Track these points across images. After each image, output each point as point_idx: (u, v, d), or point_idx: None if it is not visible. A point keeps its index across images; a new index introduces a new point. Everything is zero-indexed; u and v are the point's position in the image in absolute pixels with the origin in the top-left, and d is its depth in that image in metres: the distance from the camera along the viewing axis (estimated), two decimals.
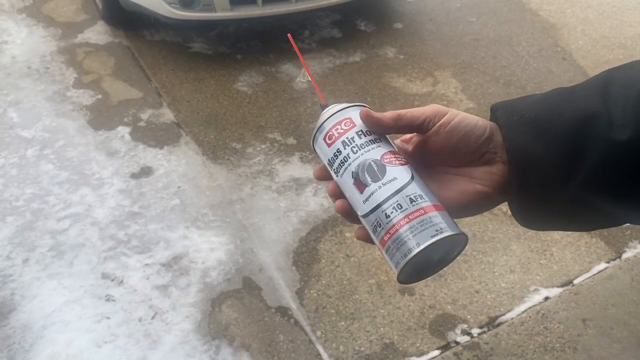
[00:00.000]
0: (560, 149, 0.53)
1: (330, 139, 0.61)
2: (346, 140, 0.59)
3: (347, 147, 0.59)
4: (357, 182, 0.57)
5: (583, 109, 0.53)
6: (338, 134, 0.60)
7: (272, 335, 1.98)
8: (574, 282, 2.19)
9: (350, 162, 0.58)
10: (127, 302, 2.09)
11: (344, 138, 0.60)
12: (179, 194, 2.53)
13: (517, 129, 0.56)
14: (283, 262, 2.24)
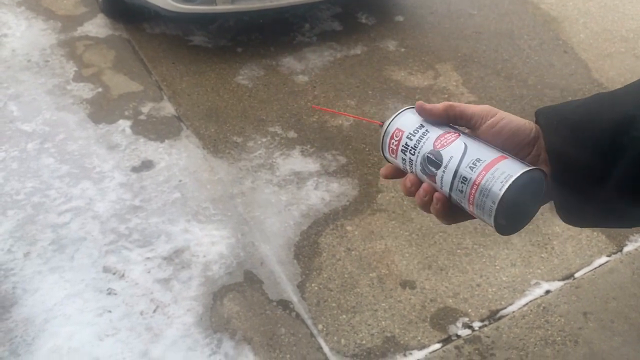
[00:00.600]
0: (598, 149, 0.56)
1: (393, 153, 0.69)
2: (403, 147, 0.67)
3: (407, 153, 0.67)
4: (429, 176, 0.65)
5: (621, 112, 0.55)
6: (395, 146, 0.68)
7: (273, 328, 1.99)
8: (575, 276, 2.19)
9: (415, 163, 0.66)
10: (129, 296, 2.09)
11: (401, 147, 0.68)
12: (180, 188, 2.53)
13: (557, 131, 0.60)
14: (284, 256, 2.24)
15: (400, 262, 2.23)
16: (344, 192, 2.54)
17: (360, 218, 2.41)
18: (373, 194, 2.53)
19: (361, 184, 2.58)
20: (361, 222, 2.39)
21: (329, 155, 2.74)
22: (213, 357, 1.90)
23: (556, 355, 1.92)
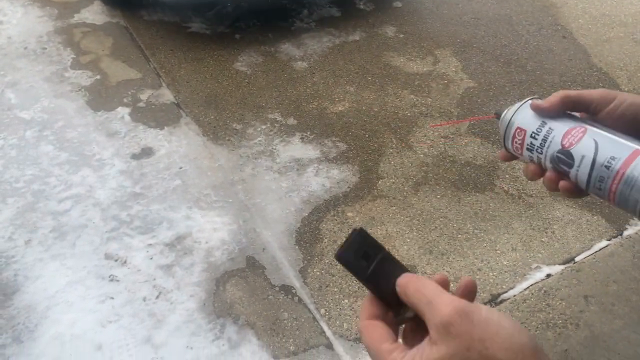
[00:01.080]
0: None
1: (517, 150, 0.70)
2: (528, 146, 0.68)
3: (533, 152, 0.67)
4: (561, 174, 0.66)
5: None
6: (520, 145, 0.69)
7: (276, 313, 2.00)
8: (575, 260, 2.20)
9: (544, 161, 0.67)
10: (131, 282, 2.09)
11: (526, 146, 0.68)
12: (181, 175, 2.52)
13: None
14: (286, 242, 2.24)
15: (401, 247, 2.24)
16: (344, 178, 2.54)
17: (361, 204, 2.41)
18: (373, 180, 2.53)
19: (361, 170, 2.58)
20: (362, 208, 2.39)
21: (329, 141, 2.73)
22: (216, 342, 1.91)
23: (557, 338, 1.93)
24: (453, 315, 0.46)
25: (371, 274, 0.54)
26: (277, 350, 1.89)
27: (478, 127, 2.85)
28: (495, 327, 0.45)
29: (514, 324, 0.46)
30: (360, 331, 0.53)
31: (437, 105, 2.99)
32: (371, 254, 0.55)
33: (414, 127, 2.84)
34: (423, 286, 0.50)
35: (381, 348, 0.50)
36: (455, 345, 0.45)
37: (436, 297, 0.48)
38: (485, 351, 0.44)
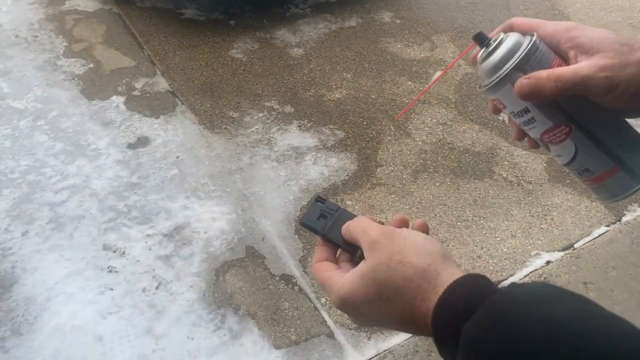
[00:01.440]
0: None
1: (496, 112, 0.67)
2: (509, 115, 0.64)
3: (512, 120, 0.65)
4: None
5: None
6: (501, 107, 0.65)
7: (277, 302, 1.99)
8: (574, 246, 2.21)
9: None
10: (130, 273, 2.08)
11: (507, 113, 0.65)
12: (178, 164, 2.50)
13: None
14: (285, 231, 2.23)
15: None
16: (342, 166, 2.52)
17: (360, 192, 2.40)
18: (372, 168, 2.52)
19: (360, 158, 2.57)
20: (361, 197, 2.38)
21: (327, 129, 2.72)
22: (217, 332, 1.90)
23: None
24: (379, 235, 0.58)
25: (328, 229, 0.66)
26: (278, 340, 1.89)
27: (476, 114, 2.84)
28: (410, 241, 0.57)
29: (427, 237, 0.58)
30: (312, 273, 0.65)
31: (435, 92, 2.97)
32: (328, 214, 0.67)
33: (411, 114, 2.82)
34: (360, 220, 0.63)
35: (325, 275, 0.62)
36: (380, 256, 0.56)
37: (369, 225, 0.60)
38: (403, 259, 0.55)
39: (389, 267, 0.56)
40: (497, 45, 0.60)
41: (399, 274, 0.55)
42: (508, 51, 0.59)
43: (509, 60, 0.59)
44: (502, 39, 0.61)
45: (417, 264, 0.55)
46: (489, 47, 0.61)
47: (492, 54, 0.61)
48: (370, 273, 0.56)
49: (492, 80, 0.60)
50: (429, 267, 0.55)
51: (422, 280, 0.54)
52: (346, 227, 0.64)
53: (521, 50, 0.59)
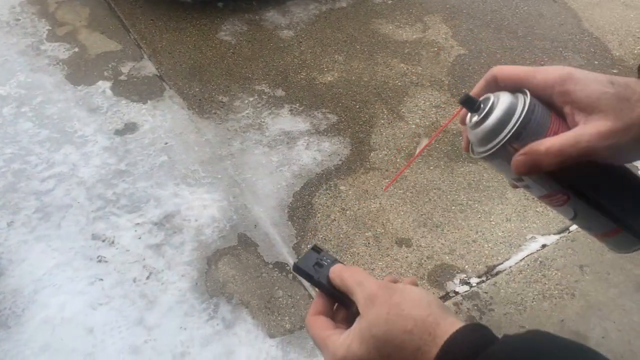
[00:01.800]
0: None
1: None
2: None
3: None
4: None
5: None
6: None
7: (270, 291, 1.96)
8: (570, 229, 2.19)
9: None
10: (120, 263, 2.04)
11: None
12: (167, 151, 2.44)
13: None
14: (278, 218, 2.19)
15: (395, 220, 2.20)
16: (335, 151, 2.48)
17: (354, 177, 2.36)
18: (365, 152, 2.48)
19: (353, 142, 2.53)
20: (355, 182, 2.35)
21: (319, 113, 2.67)
22: (210, 322, 1.87)
23: (554, 308, 1.93)
24: (378, 289, 0.56)
25: (322, 278, 0.63)
26: (272, 329, 1.86)
27: None
28: (408, 294, 0.56)
29: (422, 290, 0.58)
30: (306, 326, 0.62)
31: (428, 73, 2.92)
32: (324, 263, 0.65)
33: (404, 96, 2.78)
34: (355, 271, 0.61)
35: (322, 335, 0.59)
36: (378, 311, 0.55)
37: (366, 279, 0.59)
38: (402, 312, 0.54)
39: (388, 322, 0.54)
40: (489, 112, 0.55)
41: (398, 327, 0.53)
42: (500, 120, 0.54)
43: (502, 130, 0.53)
44: (493, 104, 0.55)
45: (416, 316, 0.54)
46: (479, 113, 0.56)
47: (483, 122, 0.55)
48: (369, 329, 0.54)
49: (485, 151, 0.56)
50: (428, 317, 0.53)
51: (422, 332, 0.53)
52: (339, 275, 0.61)
53: (515, 118, 0.53)
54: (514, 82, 0.56)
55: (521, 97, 0.54)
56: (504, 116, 0.53)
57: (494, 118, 0.54)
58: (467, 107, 0.57)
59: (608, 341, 1.85)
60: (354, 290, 0.58)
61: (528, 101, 0.53)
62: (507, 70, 0.57)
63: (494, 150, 0.54)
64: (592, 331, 1.87)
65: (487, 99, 0.56)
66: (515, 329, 1.87)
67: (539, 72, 0.55)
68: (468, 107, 0.57)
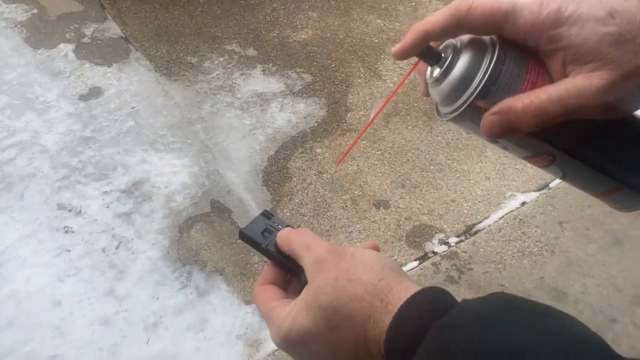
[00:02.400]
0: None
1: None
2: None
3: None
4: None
5: None
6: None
7: (246, 257, 1.90)
8: (550, 186, 2.16)
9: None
10: (88, 233, 1.96)
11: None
12: (134, 115, 2.34)
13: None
14: (252, 183, 2.12)
15: (373, 182, 2.14)
16: (311, 112, 2.40)
17: (330, 139, 2.29)
18: (342, 113, 2.40)
19: (329, 103, 2.44)
20: (331, 144, 2.27)
21: (293, 73, 2.57)
22: (184, 290, 1.82)
23: (533, 266, 1.91)
24: (326, 254, 0.50)
25: (270, 245, 0.57)
26: (248, 295, 1.82)
27: None
28: (359, 258, 0.49)
29: (376, 253, 0.51)
30: (254, 297, 0.56)
31: (406, 30, 2.82)
32: (274, 230, 0.58)
33: (382, 54, 2.69)
34: (304, 234, 0.54)
35: (267, 307, 0.52)
36: (325, 277, 0.48)
37: (313, 242, 0.52)
38: (351, 276, 0.47)
39: (336, 288, 0.47)
40: (450, 65, 0.46)
41: (347, 293, 0.47)
42: (463, 75, 0.45)
43: (466, 88, 0.44)
44: (454, 54, 0.46)
45: (366, 280, 0.47)
46: (441, 67, 0.46)
47: (444, 78, 0.46)
48: (315, 298, 0.48)
49: (449, 113, 0.47)
50: (380, 282, 0.47)
51: (374, 298, 0.46)
52: (286, 239, 0.54)
53: (482, 71, 0.44)
54: (489, 26, 0.44)
55: (489, 44, 0.45)
56: (468, 70, 0.44)
57: (457, 73, 0.45)
58: (425, 61, 0.48)
59: (587, 296, 1.84)
60: (301, 254, 0.52)
61: (497, 50, 0.44)
62: (482, 9, 0.43)
63: (459, 111, 0.45)
64: (571, 287, 1.86)
65: (448, 47, 0.47)
66: (495, 288, 1.85)
67: (521, 11, 0.43)
68: (426, 60, 0.48)
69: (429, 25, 0.45)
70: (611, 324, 1.77)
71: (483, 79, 0.43)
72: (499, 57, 0.43)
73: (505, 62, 0.43)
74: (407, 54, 0.47)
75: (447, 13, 0.44)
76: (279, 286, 0.56)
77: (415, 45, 0.46)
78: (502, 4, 0.43)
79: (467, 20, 0.44)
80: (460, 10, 0.44)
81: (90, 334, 1.72)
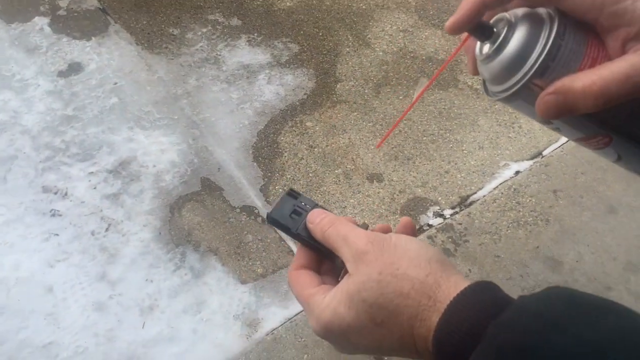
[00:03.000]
0: None
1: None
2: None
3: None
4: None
5: None
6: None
7: (239, 236, 1.87)
8: (543, 154, 2.14)
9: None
10: (76, 216, 1.91)
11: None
12: (117, 92, 2.26)
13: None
14: (243, 159, 2.07)
15: (365, 155, 2.11)
16: (299, 84, 2.34)
17: (320, 112, 2.24)
18: (331, 84, 2.35)
19: (317, 74, 2.38)
20: (321, 117, 2.22)
21: (280, 43, 2.49)
22: (178, 272, 1.79)
23: (529, 235, 1.90)
24: (367, 244, 0.48)
25: (301, 228, 0.54)
26: (244, 275, 1.79)
27: (438, 18, 2.65)
28: (402, 249, 0.47)
29: (420, 243, 0.49)
30: (288, 282, 0.54)
31: None
32: (303, 211, 0.56)
33: (370, 21, 2.61)
34: (338, 224, 0.51)
35: (304, 294, 0.51)
36: (369, 271, 0.46)
37: (351, 232, 0.50)
38: (396, 271, 0.46)
39: (381, 283, 0.45)
40: (504, 41, 0.42)
41: (392, 289, 0.45)
42: (519, 51, 0.41)
43: (522, 65, 0.41)
44: (509, 29, 0.42)
45: (413, 276, 0.45)
46: (492, 42, 0.43)
47: (497, 55, 0.43)
48: (359, 292, 0.46)
49: (502, 92, 0.44)
50: (428, 277, 0.45)
51: (421, 295, 0.45)
52: (320, 229, 0.52)
53: (539, 48, 0.40)
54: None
55: (547, 17, 0.41)
56: (524, 46, 0.41)
57: (512, 49, 0.42)
58: (476, 36, 0.44)
59: (582, 265, 1.85)
60: (339, 246, 0.50)
61: (556, 23, 0.40)
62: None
63: (513, 90, 0.42)
64: (566, 256, 1.86)
65: (500, 21, 0.43)
66: (491, 259, 1.85)
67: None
68: (477, 36, 0.44)
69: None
70: (606, 291, 1.78)
71: (541, 56, 0.40)
72: (559, 31, 0.40)
73: (564, 37, 0.40)
74: (463, 27, 0.43)
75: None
76: (313, 270, 0.54)
77: (472, 17, 0.43)
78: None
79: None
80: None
81: (84, 320, 1.69)
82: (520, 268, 1.83)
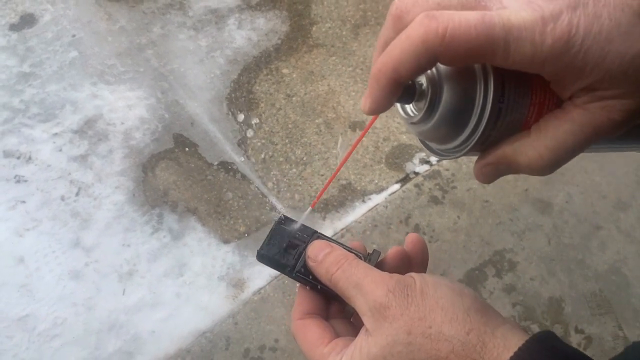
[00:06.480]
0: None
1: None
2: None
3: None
4: None
5: None
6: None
7: (219, 194, 1.79)
8: None
9: None
10: (43, 181, 1.79)
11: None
12: (76, 44, 2.09)
13: None
14: (217, 112, 1.96)
15: (346, 102, 2.01)
16: (272, 28, 2.19)
17: (297, 58, 2.11)
18: (307, 26, 2.21)
19: (291, 16, 2.23)
20: (298, 63, 2.10)
21: None
22: (156, 235, 1.70)
23: (517, 178, 1.85)
24: (387, 294, 0.39)
25: (300, 265, 0.45)
26: (226, 234, 1.72)
27: None
28: (432, 298, 0.38)
29: (452, 286, 0.40)
30: (293, 334, 0.46)
31: None
32: (298, 243, 0.46)
33: None
34: (348, 264, 0.42)
35: (315, 354, 0.43)
36: (395, 331, 0.38)
37: (364, 278, 0.41)
38: (429, 330, 0.37)
39: (411, 346, 0.37)
40: (432, 106, 0.36)
41: (426, 354, 0.36)
42: (450, 120, 0.36)
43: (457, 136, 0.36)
44: (434, 91, 0.36)
45: (450, 335, 0.37)
46: (418, 107, 0.38)
47: (426, 120, 0.37)
48: (384, 356, 0.37)
49: (443, 152, 0.40)
50: (469, 335, 0.36)
51: (463, 359, 0.36)
52: (326, 274, 0.43)
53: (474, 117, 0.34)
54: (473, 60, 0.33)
55: (479, 72, 0.34)
56: (456, 112, 0.35)
57: (443, 116, 0.36)
58: (399, 102, 0.39)
59: (572, 205, 1.81)
60: (351, 295, 0.41)
61: (492, 82, 0.33)
62: (462, 40, 0.31)
63: (454, 156, 0.38)
64: (556, 197, 1.82)
65: (423, 81, 0.37)
66: (480, 204, 1.80)
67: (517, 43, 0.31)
68: (400, 101, 0.39)
69: (398, 65, 0.33)
70: (596, 230, 1.76)
71: (479, 127, 0.34)
72: (496, 93, 0.33)
73: (504, 97, 0.33)
74: (384, 108, 0.37)
75: (415, 45, 0.32)
76: (320, 315, 0.46)
77: (392, 97, 0.36)
78: (489, 31, 0.30)
79: (442, 54, 0.32)
80: (428, 40, 0.31)
81: (60, 290, 1.61)
82: (510, 212, 1.79)
